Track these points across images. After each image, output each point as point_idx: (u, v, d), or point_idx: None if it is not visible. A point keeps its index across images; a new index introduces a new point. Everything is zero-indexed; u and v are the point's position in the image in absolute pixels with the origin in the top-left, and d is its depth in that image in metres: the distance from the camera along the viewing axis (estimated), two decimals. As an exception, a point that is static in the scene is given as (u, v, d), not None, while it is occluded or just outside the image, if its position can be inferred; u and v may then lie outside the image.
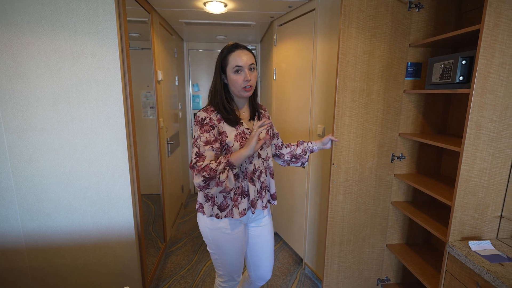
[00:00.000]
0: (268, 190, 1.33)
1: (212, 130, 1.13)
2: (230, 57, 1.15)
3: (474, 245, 1.21)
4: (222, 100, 1.18)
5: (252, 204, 1.24)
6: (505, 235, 1.30)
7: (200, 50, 3.57)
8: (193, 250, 2.46)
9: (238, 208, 1.21)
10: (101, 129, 1.52)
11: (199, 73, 3.62)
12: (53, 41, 1.41)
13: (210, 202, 1.23)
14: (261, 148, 1.26)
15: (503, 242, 1.26)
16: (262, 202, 1.28)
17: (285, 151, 1.48)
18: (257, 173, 1.24)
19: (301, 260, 2.31)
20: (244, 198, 1.22)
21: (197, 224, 2.96)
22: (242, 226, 1.30)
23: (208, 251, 2.42)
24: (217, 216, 1.21)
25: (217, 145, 1.13)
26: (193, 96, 3.65)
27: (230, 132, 1.17)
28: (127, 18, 1.56)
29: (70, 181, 1.55)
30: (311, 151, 1.49)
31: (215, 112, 1.17)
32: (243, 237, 1.31)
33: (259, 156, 1.25)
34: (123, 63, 1.52)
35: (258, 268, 1.41)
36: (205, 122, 1.13)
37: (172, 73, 2.81)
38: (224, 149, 1.18)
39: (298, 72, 2.13)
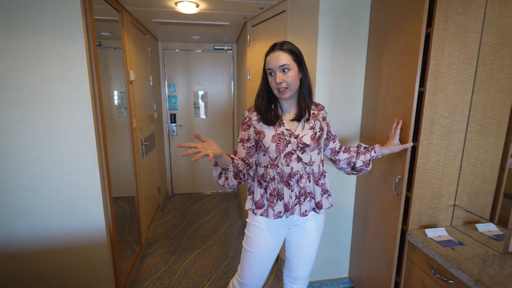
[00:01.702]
0: (313, 197, 1.23)
1: (248, 130, 1.21)
2: (266, 60, 1.17)
3: (430, 232, 1.31)
4: (263, 100, 1.21)
5: (286, 208, 1.19)
6: (458, 222, 1.41)
7: (177, 50, 3.54)
8: (170, 251, 2.44)
9: (274, 210, 1.19)
10: (69, 130, 1.49)
11: (175, 73, 3.58)
12: (20, 39, 1.36)
13: (251, 196, 1.27)
14: (303, 151, 1.18)
15: (456, 229, 1.37)
16: (300, 208, 1.20)
17: (342, 156, 1.34)
18: (296, 177, 1.18)
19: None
20: (280, 201, 1.19)
21: (174, 225, 2.94)
22: (281, 229, 1.26)
23: (186, 252, 2.42)
24: (253, 212, 1.24)
25: (249, 144, 1.21)
26: (169, 96, 3.61)
27: (268, 133, 1.17)
28: (96, 17, 1.53)
29: (37, 184, 1.50)
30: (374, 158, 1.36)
31: (256, 112, 1.21)
32: (277, 241, 1.26)
33: (299, 159, 1.18)
34: (91, 62, 1.49)
35: (293, 269, 1.36)
36: (244, 121, 1.23)
37: (146, 73, 2.77)
38: (262, 149, 1.20)
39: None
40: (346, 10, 1.63)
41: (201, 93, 3.67)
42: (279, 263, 2.28)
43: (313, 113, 1.24)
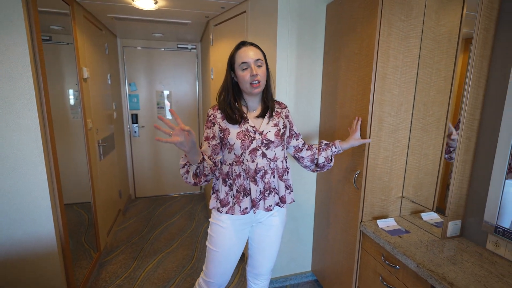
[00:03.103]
0: (277, 193, 1.26)
1: (213, 127, 1.20)
2: (236, 55, 1.16)
3: (380, 223, 1.41)
4: (228, 98, 1.21)
5: (253, 204, 1.21)
6: (406, 212, 1.53)
7: (138, 48, 3.40)
8: (132, 257, 2.34)
9: (240, 206, 1.20)
10: (10, 131, 1.36)
11: (136, 72, 3.44)
12: None
13: (215, 194, 1.26)
14: (267, 147, 1.20)
15: (404, 218, 1.49)
16: (265, 203, 1.22)
17: (305, 154, 1.37)
18: (261, 173, 1.20)
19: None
20: (246, 197, 1.20)
21: (137, 230, 2.82)
22: (245, 227, 1.28)
23: (149, 257, 2.33)
24: (218, 210, 1.23)
25: (214, 142, 1.20)
26: (130, 95, 3.46)
27: (233, 130, 1.18)
28: (43, 9, 1.42)
29: (-29, 191, 1.35)
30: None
31: (220, 110, 1.21)
32: (241, 239, 1.28)
33: (264, 155, 1.20)
34: (35, 57, 1.38)
35: (255, 265, 1.38)
36: (209, 119, 1.23)
37: (103, 71, 2.62)
38: (227, 146, 1.20)
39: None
40: (304, 13, 1.69)
41: (166, 92, 3.56)
42: (245, 261, 2.30)
43: (276, 111, 1.28)
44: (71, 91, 2.00)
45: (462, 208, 1.25)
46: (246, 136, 1.18)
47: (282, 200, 1.27)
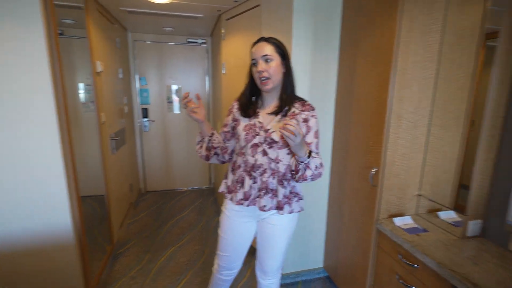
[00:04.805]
0: (275, 196, 1.21)
1: (228, 116, 1.31)
2: (250, 52, 1.20)
3: (397, 221, 1.39)
4: (245, 92, 1.26)
5: (246, 197, 1.22)
6: (422, 210, 1.51)
7: (148, 42, 3.39)
8: (144, 250, 2.37)
9: (237, 196, 1.24)
10: (28, 123, 1.38)
11: (147, 66, 3.44)
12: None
13: (226, 180, 1.32)
14: (270, 146, 1.16)
15: (421, 217, 1.47)
16: (260, 202, 1.20)
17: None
18: (259, 170, 1.18)
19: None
20: (241, 188, 1.23)
21: (148, 223, 2.85)
22: (247, 220, 1.30)
23: (160, 250, 2.36)
24: (224, 195, 1.32)
25: (226, 129, 1.30)
26: (140, 90, 3.47)
27: (243, 122, 1.23)
28: (57, 2, 1.42)
29: (-8, 183, 1.37)
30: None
31: (238, 101, 1.29)
32: (244, 230, 1.32)
33: (265, 154, 1.17)
34: (52, 50, 1.39)
35: (260, 262, 1.37)
36: (229, 108, 1.32)
37: (114, 65, 2.63)
38: (236, 136, 1.27)
39: (246, 66, 2.16)
40: (320, 6, 1.66)
41: (175, 87, 3.56)
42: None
43: (293, 112, 1.18)
44: (81, 85, 2.01)
45: (483, 208, 1.23)
46: (251, 130, 1.20)
47: (279, 206, 1.20)
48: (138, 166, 3.60)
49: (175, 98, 3.59)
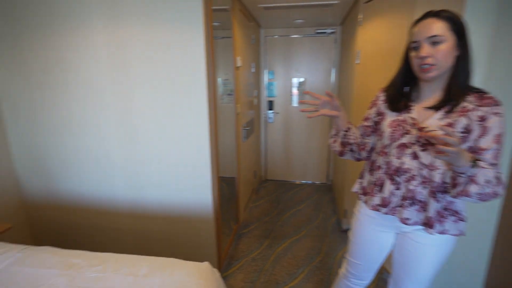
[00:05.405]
0: (423, 208, 0.98)
1: (371, 109, 1.15)
2: (410, 32, 0.96)
3: None
4: (396, 80, 1.05)
5: (384, 204, 1.05)
6: None
7: (276, 37, 3.52)
8: (264, 235, 2.51)
9: (373, 201, 1.09)
10: (187, 113, 1.64)
11: (275, 61, 3.59)
12: (150, 32, 1.55)
13: (360, 179, 1.20)
14: (424, 149, 0.95)
15: None
16: (402, 213, 1.01)
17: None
18: (405, 176, 0.99)
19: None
20: (379, 193, 1.07)
21: (267, 210, 3.01)
22: (382, 229, 1.13)
23: (278, 239, 2.44)
24: (358, 197, 1.20)
25: (366, 123, 1.16)
26: (268, 83, 3.66)
27: (390, 116, 1.04)
28: (212, 7, 1.61)
29: (161, 158, 1.72)
30: None
31: (385, 92, 1.10)
32: (378, 240, 1.15)
33: (416, 157, 0.96)
34: (207, 51, 1.58)
35: (396, 281, 1.17)
36: (373, 99, 1.16)
37: (249, 60, 2.85)
38: (378, 133, 1.10)
39: (389, 53, 1.88)
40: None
41: (298, 80, 3.57)
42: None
43: (464, 107, 0.90)
44: (219, 80, 2.25)
45: None
46: (399, 127, 1.00)
47: (429, 223, 0.97)
48: (261, 155, 3.85)
49: (294, 92, 3.60)
